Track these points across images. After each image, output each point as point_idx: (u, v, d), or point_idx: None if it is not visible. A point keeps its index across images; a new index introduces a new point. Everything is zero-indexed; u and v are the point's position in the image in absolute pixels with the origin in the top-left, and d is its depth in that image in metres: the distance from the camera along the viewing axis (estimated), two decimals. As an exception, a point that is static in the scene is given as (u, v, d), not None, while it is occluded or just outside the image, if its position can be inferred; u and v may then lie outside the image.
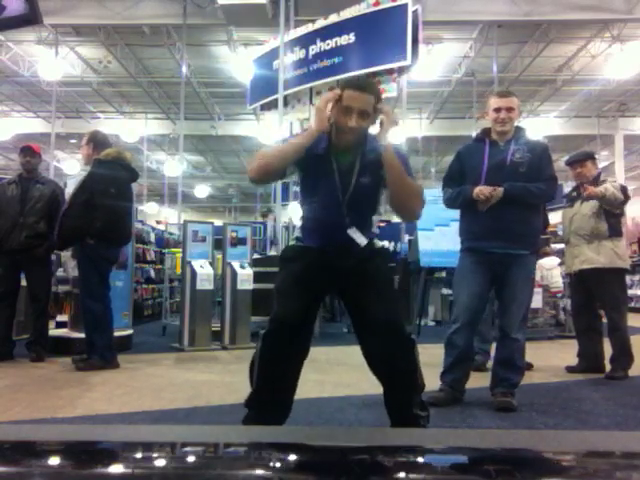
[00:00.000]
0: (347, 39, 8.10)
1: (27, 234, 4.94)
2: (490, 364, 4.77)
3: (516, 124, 3.54)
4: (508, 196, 3.29)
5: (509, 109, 3.39)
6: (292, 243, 2.60)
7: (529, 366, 4.86)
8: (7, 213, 4.99)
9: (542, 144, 3.59)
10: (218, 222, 8.68)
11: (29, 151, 5.22)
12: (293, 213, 12.31)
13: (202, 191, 23.05)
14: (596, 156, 5.24)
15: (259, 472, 0.67)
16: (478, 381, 4.38)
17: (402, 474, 0.68)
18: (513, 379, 3.42)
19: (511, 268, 3.34)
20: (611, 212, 4.59)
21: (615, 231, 4.61)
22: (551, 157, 3.57)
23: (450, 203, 3.60)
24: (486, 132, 3.54)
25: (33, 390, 3.85)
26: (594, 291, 4.72)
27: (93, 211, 4.43)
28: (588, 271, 4.62)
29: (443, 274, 9.27)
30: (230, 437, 0.82)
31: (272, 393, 2.44)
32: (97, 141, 4.75)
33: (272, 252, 10.56)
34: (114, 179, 4.56)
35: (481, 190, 3.32)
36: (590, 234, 4.62)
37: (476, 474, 0.68)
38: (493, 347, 4.68)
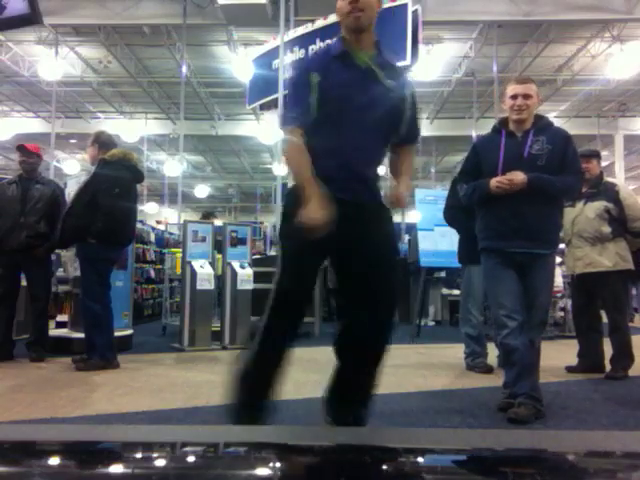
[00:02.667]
0: (347, 39, 8.09)
1: (28, 234, 4.94)
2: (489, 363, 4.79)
3: (540, 114, 3.33)
4: (532, 188, 3.08)
5: (526, 96, 3.16)
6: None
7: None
8: (7, 213, 4.99)
9: (563, 134, 3.28)
10: (218, 222, 8.68)
11: (23, 150, 5.22)
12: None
13: (202, 191, 23.06)
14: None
15: (259, 472, 0.67)
16: (478, 381, 4.38)
17: (402, 474, 0.68)
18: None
19: (532, 270, 3.19)
20: (614, 215, 4.58)
21: (617, 233, 4.60)
22: (576, 148, 3.30)
23: (466, 200, 3.41)
24: (503, 122, 3.31)
25: (33, 390, 3.85)
26: (597, 292, 4.72)
27: (96, 211, 4.44)
28: (592, 274, 4.62)
29: (443, 274, 9.29)
30: (230, 437, 0.82)
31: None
32: (102, 142, 4.75)
33: (272, 252, 10.57)
34: (118, 180, 4.56)
35: (500, 183, 3.12)
36: (593, 237, 4.60)
37: (476, 474, 0.68)
38: (490, 347, 4.71)
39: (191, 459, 0.73)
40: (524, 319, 3.15)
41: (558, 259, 8.06)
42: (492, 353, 4.79)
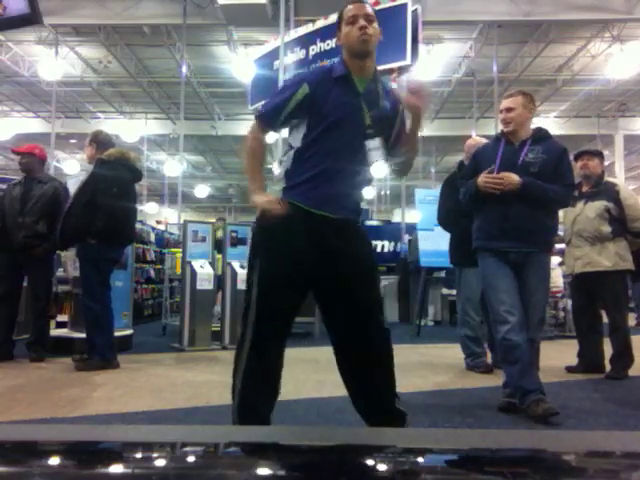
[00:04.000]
0: (347, 39, 8.09)
1: (25, 234, 4.93)
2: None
3: (536, 125, 3.48)
4: (524, 191, 3.20)
5: (508, 109, 3.37)
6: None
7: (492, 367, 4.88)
8: (9, 213, 5.00)
9: (559, 146, 3.44)
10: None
11: (15, 152, 5.30)
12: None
13: (202, 191, 23.06)
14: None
15: (259, 472, 0.67)
16: (478, 381, 4.39)
17: (402, 474, 0.67)
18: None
19: (524, 268, 3.27)
20: (614, 215, 4.58)
21: (618, 232, 4.60)
22: (570, 162, 3.48)
23: (463, 202, 3.55)
24: (504, 132, 3.49)
25: (33, 390, 3.85)
26: (596, 292, 4.72)
27: (95, 211, 4.43)
28: (591, 274, 4.62)
29: (443, 274, 9.30)
30: (230, 437, 0.82)
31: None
32: (99, 141, 4.75)
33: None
34: (116, 179, 4.56)
35: (486, 182, 3.25)
36: (593, 236, 4.60)
37: (476, 474, 0.68)
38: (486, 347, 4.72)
39: (191, 459, 0.73)
40: (522, 316, 3.19)
41: (559, 259, 8.09)
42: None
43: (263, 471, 0.67)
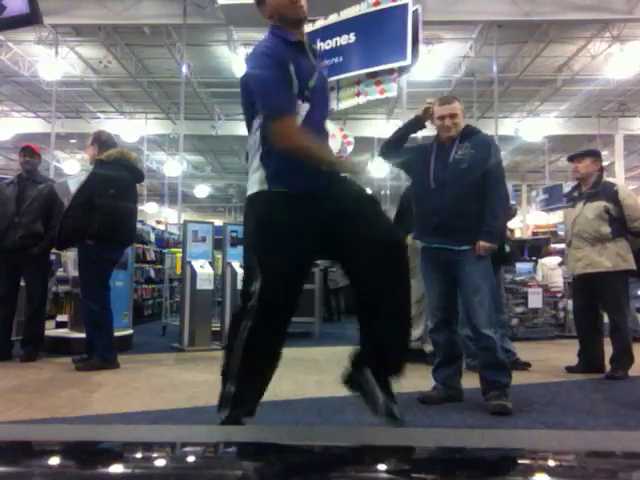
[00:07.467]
0: (347, 39, 8.09)
1: (22, 234, 4.92)
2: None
3: (467, 123, 3.56)
4: (498, 241, 3.39)
5: (452, 116, 3.43)
6: (262, 189, 2.31)
7: (526, 365, 4.87)
8: (3, 214, 4.98)
9: (487, 139, 3.54)
10: (218, 222, 8.69)
11: (29, 151, 5.22)
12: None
13: (202, 191, 23.06)
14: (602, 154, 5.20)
15: (258, 472, 0.67)
16: (477, 381, 4.38)
17: (402, 474, 0.68)
18: (502, 380, 3.33)
19: (461, 265, 3.29)
20: (614, 215, 4.58)
21: (618, 233, 4.59)
22: (499, 155, 3.55)
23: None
24: (443, 138, 3.55)
25: (33, 390, 3.85)
26: (597, 293, 4.71)
27: (93, 212, 4.43)
28: (592, 275, 4.62)
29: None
30: (230, 437, 0.82)
31: (256, 388, 2.29)
32: (101, 141, 4.74)
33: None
34: (114, 180, 4.55)
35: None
36: (593, 237, 4.60)
37: (476, 474, 0.68)
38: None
39: (191, 459, 0.73)
40: (447, 317, 3.46)
41: (558, 259, 8.09)
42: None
43: (263, 471, 0.67)
